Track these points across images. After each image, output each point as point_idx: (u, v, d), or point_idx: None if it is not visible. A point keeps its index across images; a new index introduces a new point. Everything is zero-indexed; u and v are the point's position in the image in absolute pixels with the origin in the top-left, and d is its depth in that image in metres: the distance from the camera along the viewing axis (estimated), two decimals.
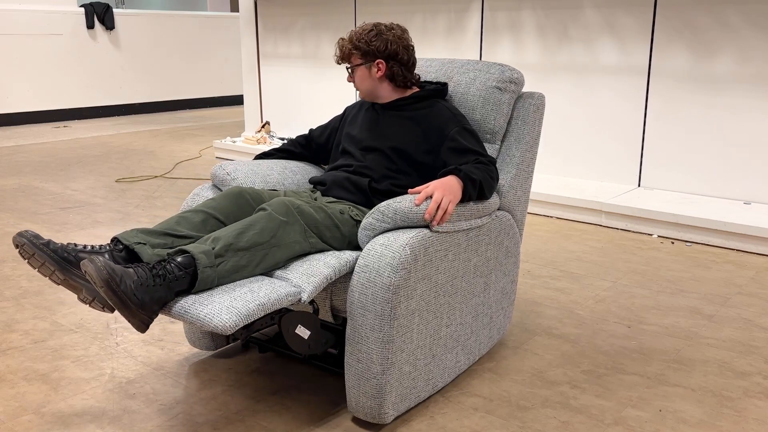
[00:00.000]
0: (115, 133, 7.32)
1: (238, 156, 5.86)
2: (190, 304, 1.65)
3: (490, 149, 2.26)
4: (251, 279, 1.77)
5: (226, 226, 1.94)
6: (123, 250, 1.82)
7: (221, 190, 2.25)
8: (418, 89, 2.30)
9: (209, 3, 10.99)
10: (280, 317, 1.81)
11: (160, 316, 2.38)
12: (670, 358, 2.32)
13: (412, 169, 2.18)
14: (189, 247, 1.71)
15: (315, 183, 2.31)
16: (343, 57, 2.28)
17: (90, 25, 8.27)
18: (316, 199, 2.20)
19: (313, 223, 1.91)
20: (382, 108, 2.29)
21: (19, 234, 1.74)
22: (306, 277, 1.79)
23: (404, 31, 2.26)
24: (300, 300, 1.74)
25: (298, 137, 2.53)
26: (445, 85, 2.32)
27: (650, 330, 2.54)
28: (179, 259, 1.69)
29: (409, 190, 1.96)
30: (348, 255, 1.90)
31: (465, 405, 2.02)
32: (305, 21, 5.89)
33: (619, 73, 4.23)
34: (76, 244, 1.80)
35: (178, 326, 2.54)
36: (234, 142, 6.04)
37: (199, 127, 7.84)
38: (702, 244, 3.57)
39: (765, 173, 3.84)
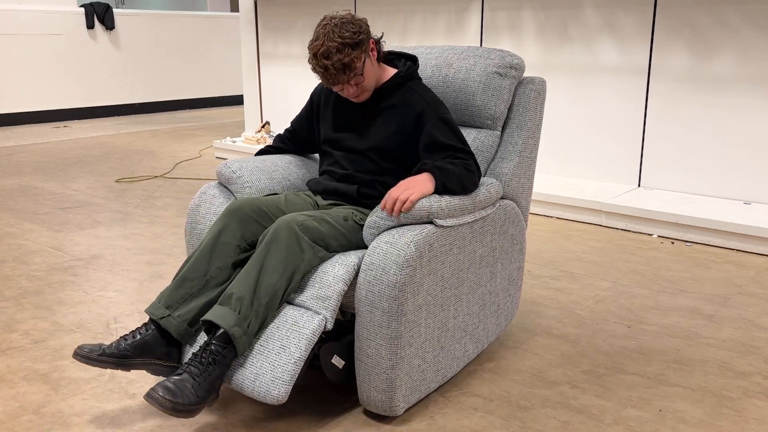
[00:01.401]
0: (115, 133, 7.32)
1: (238, 156, 5.86)
2: (241, 380, 1.81)
3: (491, 136, 2.25)
4: (278, 325, 1.84)
5: (235, 246, 1.96)
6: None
7: (227, 188, 2.26)
8: (387, 66, 2.17)
9: (209, 3, 10.99)
10: (319, 347, 1.90)
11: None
12: (670, 358, 2.32)
13: (396, 166, 2.13)
14: (218, 320, 1.79)
15: (311, 189, 2.27)
16: (347, 69, 2.01)
17: (90, 25, 8.27)
18: (317, 203, 2.19)
19: (319, 237, 1.91)
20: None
21: (75, 354, 1.85)
22: (321, 301, 1.84)
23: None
24: (325, 328, 1.83)
25: (285, 132, 2.44)
26: (414, 59, 2.21)
27: (650, 330, 2.54)
28: (216, 339, 1.79)
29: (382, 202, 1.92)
30: (353, 258, 1.90)
31: (465, 405, 2.02)
32: (305, 21, 5.89)
33: (619, 73, 4.23)
34: (125, 337, 1.90)
35: None
36: (234, 142, 6.04)
37: (199, 127, 7.84)
38: (702, 244, 3.58)
39: (765, 173, 3.84)
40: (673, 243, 3.59)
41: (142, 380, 2.15)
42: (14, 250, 3.42)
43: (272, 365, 1.78)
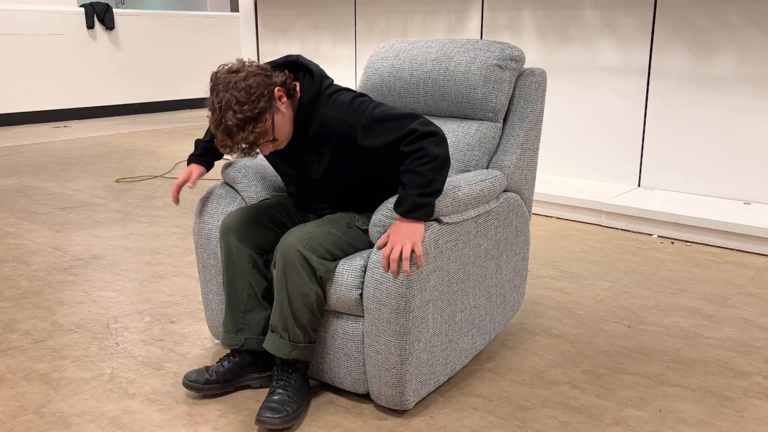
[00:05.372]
0: (115, 133, 7.32)
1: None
2: (330, 379, 2.05)
3: (493, 128, 2.24)
4: (333, 336, 1.98)
5: (247, 256, 2.01)
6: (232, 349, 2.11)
7: (233, 188, 2.28)
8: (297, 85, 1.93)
9: (209, 3, 10.99)
10: None
11: (156, 315, 2.53)
12: (670, 358, 2.32)
13: (359, 179, 2.01)
14: (275, 351, 1.93)
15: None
16: (254, 145, 1.80)
17: (90, 25, 8.27)
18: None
19: (327, 251, 1.90)
20: None
21: (184, 383, 2.04)
22: (349, 309, 1.92)
23: (235, 64, 1.84)
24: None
25: (206, 144, 2.24)
26: (307, 71, 1.94)
27: (650, 330, 2.54)
28: (281, 362, 1.97)
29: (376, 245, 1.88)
30: (359, 261, 1.91)
31: (465, 405, 2.02)
32: (305, 21, 5.89)
33: (619, 73, 4.23)
34: (222, 363, 2.07)
35: (178, 326, 2.54)
36: None
37: (199, 127, 7.84)
38: (702, 244, 3.57)
39: (765, 173, 3.84)
40: (673, 243, 3.59)
41: (141, 380, 2.15)
42: (14, 250, 3.42)
43: (348, 371, 1.98)
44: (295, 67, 1.98)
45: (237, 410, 1.99)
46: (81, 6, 8.24)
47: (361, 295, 1.88)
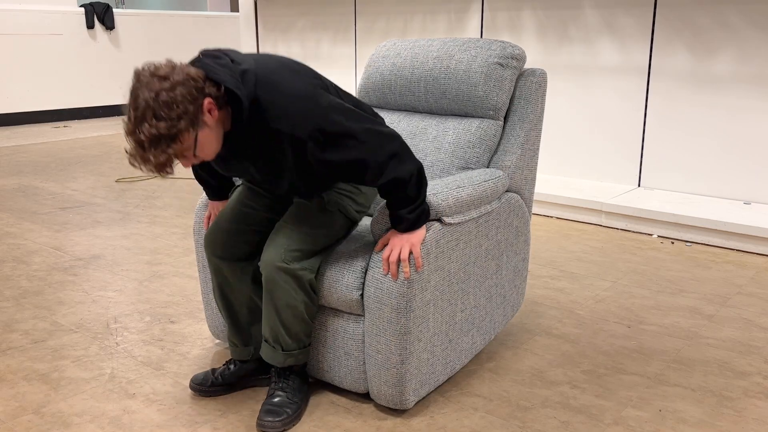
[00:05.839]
0: (115, 133, 7.32)
1: None
2: (330, 378, 2.06)
3: (494, 126, 2.24)
4: (333, 335, 1.98)
5: (239, 270, 2.00)
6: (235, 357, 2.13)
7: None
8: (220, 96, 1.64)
9: (209, 3, 10.99)
10: None
11: (156, 315, 2.53)
12: (670, 358, 2.32)
13: (322, 177, 1.83)
14: (270, 361, 1.95)
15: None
16: (166, 165, 1.57)
17: (90, 25, 8.27)
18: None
19: (307, 252, 1.86)
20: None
21: (191, 388, 2.08)
22: (349, 307, 1.92)
23: (162, 63, 1.65)
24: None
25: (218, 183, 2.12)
26: (240, 72, 1.66)
27: (650, 330, 2.54)
28: (280, 370, 1.98)
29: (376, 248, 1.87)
30: (360, 262, 1.90)
31: (465, 405, 2.02)
32: (305, 21, 5.89)
33: (619, 73, 4.23)
34: (227, 366, 2.10)
35: (178, 326, 2.54)
36: None
37: None
38: (702, 244, 3.57)
39: (765, 173, 3.84)
40: (673, 243, 3.59)
41: (141, 380, 2.15)
42: (14, 250, 3.42)
43: (348, 370, 1.99)
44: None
45: (237, 410, 1.99)
46: (81, 6, 8.24)
47: (361, 295, 1.88)
